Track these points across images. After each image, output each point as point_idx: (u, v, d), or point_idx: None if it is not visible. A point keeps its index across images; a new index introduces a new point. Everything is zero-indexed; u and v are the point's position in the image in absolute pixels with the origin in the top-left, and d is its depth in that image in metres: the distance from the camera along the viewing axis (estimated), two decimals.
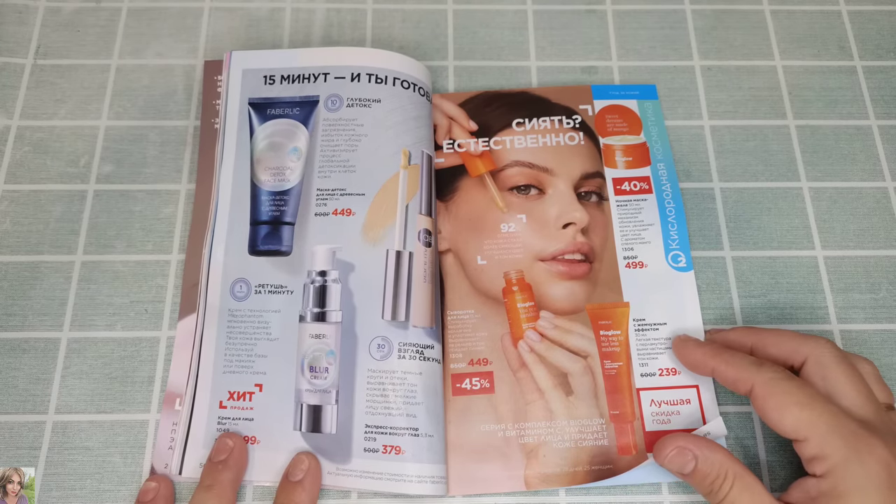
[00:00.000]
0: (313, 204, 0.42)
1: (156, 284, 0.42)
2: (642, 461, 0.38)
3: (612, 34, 0.50)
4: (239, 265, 0.41)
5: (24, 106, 0.46)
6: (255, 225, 0.42)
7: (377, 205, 0.41)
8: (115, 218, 0.44)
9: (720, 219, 0.45)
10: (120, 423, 0.39)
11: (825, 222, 0.45)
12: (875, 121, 0.48)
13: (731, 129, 0.47)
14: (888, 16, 0.51)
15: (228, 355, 0.39)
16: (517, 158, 0.45)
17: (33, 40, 0.48)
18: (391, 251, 0.40)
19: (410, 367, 0.39)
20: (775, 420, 0.33)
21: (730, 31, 0.50)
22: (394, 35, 0.49)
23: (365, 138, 0.43)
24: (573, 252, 0.43)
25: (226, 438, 0.37)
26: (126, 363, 0.40)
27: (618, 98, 0.47)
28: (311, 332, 0.39)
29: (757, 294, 0.43)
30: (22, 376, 0.40)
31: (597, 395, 0.40)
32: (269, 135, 0.44)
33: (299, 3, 0.50)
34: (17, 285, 0.42)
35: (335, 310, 0.40)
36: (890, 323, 0.42)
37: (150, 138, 0.46)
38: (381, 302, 0.40)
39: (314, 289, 0.40)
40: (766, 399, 0.33)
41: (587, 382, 0.40)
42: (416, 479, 0.36)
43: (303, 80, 0.45)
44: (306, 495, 0.35)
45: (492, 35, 0.50)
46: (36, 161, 0.45)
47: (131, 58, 0.48)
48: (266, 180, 0.42)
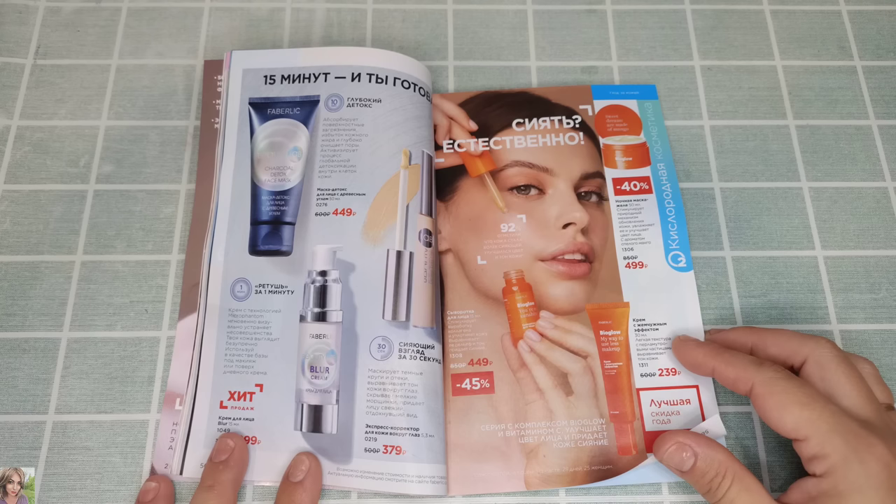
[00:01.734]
0: (314, 204, 0.42)
1: (156, 284, 0.42)
2: (642, 461, 0.38)
3: (612, 34, 0.50)
4: (239, 265, 0.41)
5: (24, 106, 0.46)
6: (256, 225, 0.42)
7: (378, 205, 0.41)
8: (115, 218, 0.44)
9: (720, 219, 0.45)
10: (120, 423, 0.39)
11: (825, 222, 0.45)
12: (875, 121, 0.48)
13: (731, 129, 0.47)
14: (888, 16, 0.51)
15: (229, 355, 0.39)
16: (517, 158, 0.45)
17: (33, 40, 0.48)
18: (391, 251, 0.41)
19: (411, 367, 0.39)
20: (775, 419, 0.33)
21: (730, 31, 0.50)
22: (394, 35, 0.49)
23: (365, 138, 0.43)
24: (573, 252, 0.43)
25: (226, 438, 0.37)
26: (126, 363, 0.40)
27: (618, 98, 0.47)
28: (312, 332, 0.39)
29: (757, 294, 0.43)
30: (22, 376, 0.40)
31: (597, 395, 0.40)
32: (270, 134, 0.44)
33: (299, 3, 0.50)
34: (17, 285, 0.42)
35: (336, 310, 0.40)
36: (890, 323, 0.42)
37: (150, 138, 0.46)
38: (381, 302, 0.40)
39: (315, 289, 0.40)
40: (766, 398, 0.33)
41: (587, 382, 0.40)
42: (416, 479, 0.36)
43: (303, 79, 0.45)
44: (307, 496, 0.35)
45: (492, 35, 0.50)
46: (36, 161, 0.45)
47: (131, 58, 0.48)
48: (266, 180, 0.42)
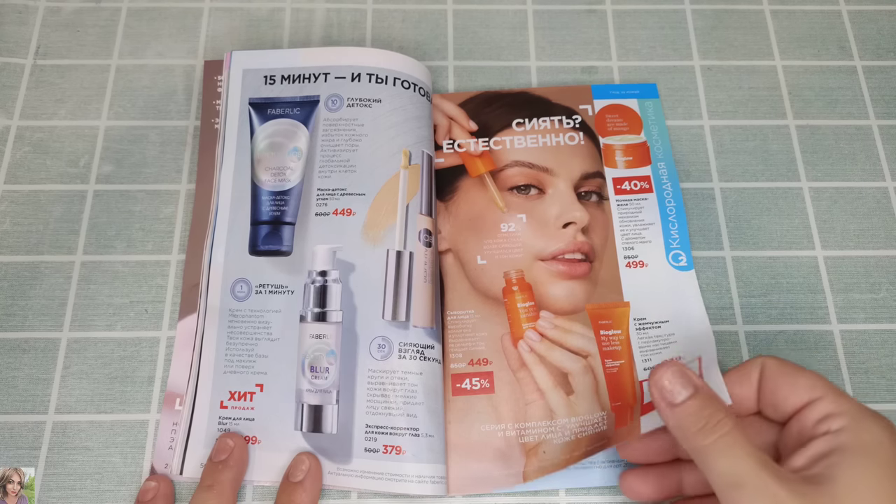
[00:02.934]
0: (314, 204, 0.42)
1: (156, 285, 0.42)
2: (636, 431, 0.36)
3: (612, 34, 0.50)
4: (239, 265, 0.41)
5: (24, 106, 0.46)
6: (256, 225, 0.42)
7: (378, 205, 0.41)
8: (115, 218, 0.44)
9: (720, 219, 0.45)
10: (120, 423, 0.39)
11: (825, 222, 0.45)
12: (875, 121, 0.48)
13: (731, 129, 0.47)
14: (888, 16, 0.51)
15: (229, 355, 0.39)
16: (517, 158, 0.45)
17: (33, 40, 0.48)
18: (391, 251, 0.40)
19: (411, 367, 0.39)
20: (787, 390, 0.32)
21: (730, 31, 0.50)
22: (394, 35, 0.49)
23: (365, 138, 0.43)
24: (573, 251, 0.43)
25: (226, 438, 0.37)
26: (126, 363, 0.40)
27: (618, 97, 0.47)
28: (312, 332, 0.39)
29: (757, 294, 0.43)
30: (22, 376, 0.40)
31: (598, 393, 0.40)
32: (270, 135, 0.44)
33: (299, 3, 0.50)
34: (17, 285, 0.42)
35: (336, 310, 0.39)
36: (890, 323, 0.42)
37: (150, 138, 0.46)
38: (381, 302, 0.40)
39: (315, 289, 0.40)
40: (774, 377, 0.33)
41: (588, 381, 0.40)
42: (416, 479, 0.36)
43: (303, 80, 0.45)
44: (307, 496, 0.35)
45: (492, 35, 0.50)
46: (36, 161, 0.45)
47: (131, 58, 0.48)
48: (266, 180, 0.42)
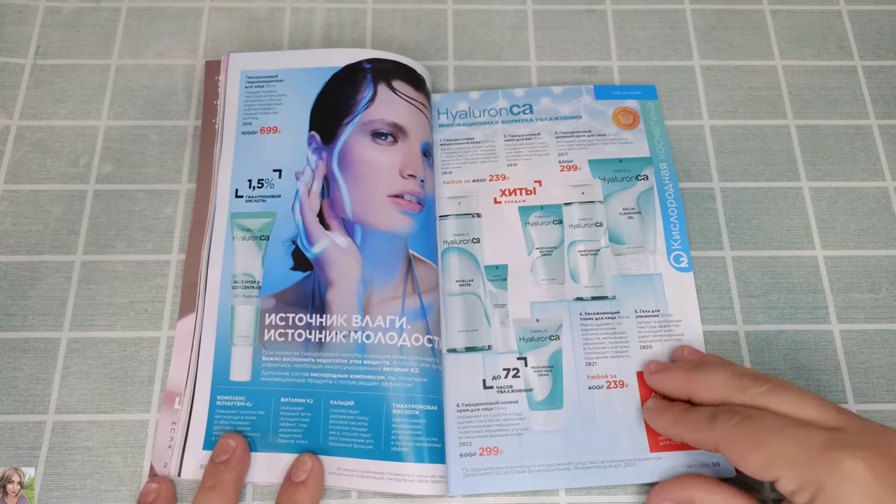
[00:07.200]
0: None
1: (155, 284, 0.42)
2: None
3: (612, 34, 0.50)
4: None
5: (24, 106, 0.46)
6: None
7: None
8: (115, 218, 0.44)
9: (720, 219, 0.45)
10: (120, 423, 0.39)
11: (825, 222, 0.45)
12: (875, 121, 0.48)
13: (731, 129, 0.47)
14: (888, 16, 0.51)
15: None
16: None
17: (33, 40, 0.48)
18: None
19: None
20: (745, 470, 0.31)
21: (730, 30, 0.50)
22: (394, 35, 0.49)
23: None
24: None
25: (228, 438, 0.37)
26: (126, 363, 0.40)
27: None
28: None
29: (757, 294, 0.43)
30: (22, 376, 0.40)
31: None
32: None
33: (299, 3, 0.50)
34: (17, 285, 0.42)
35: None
36: (890, 323, 0.42)
37: (150, 138, 0.46)
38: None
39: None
40: (729, 454, 0.32)
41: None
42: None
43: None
44: (308, 496, 0.35)
45: (492, 35, 0.50)
46: (36, 161, 0.45)
47: (131, 58, 0.48)
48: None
